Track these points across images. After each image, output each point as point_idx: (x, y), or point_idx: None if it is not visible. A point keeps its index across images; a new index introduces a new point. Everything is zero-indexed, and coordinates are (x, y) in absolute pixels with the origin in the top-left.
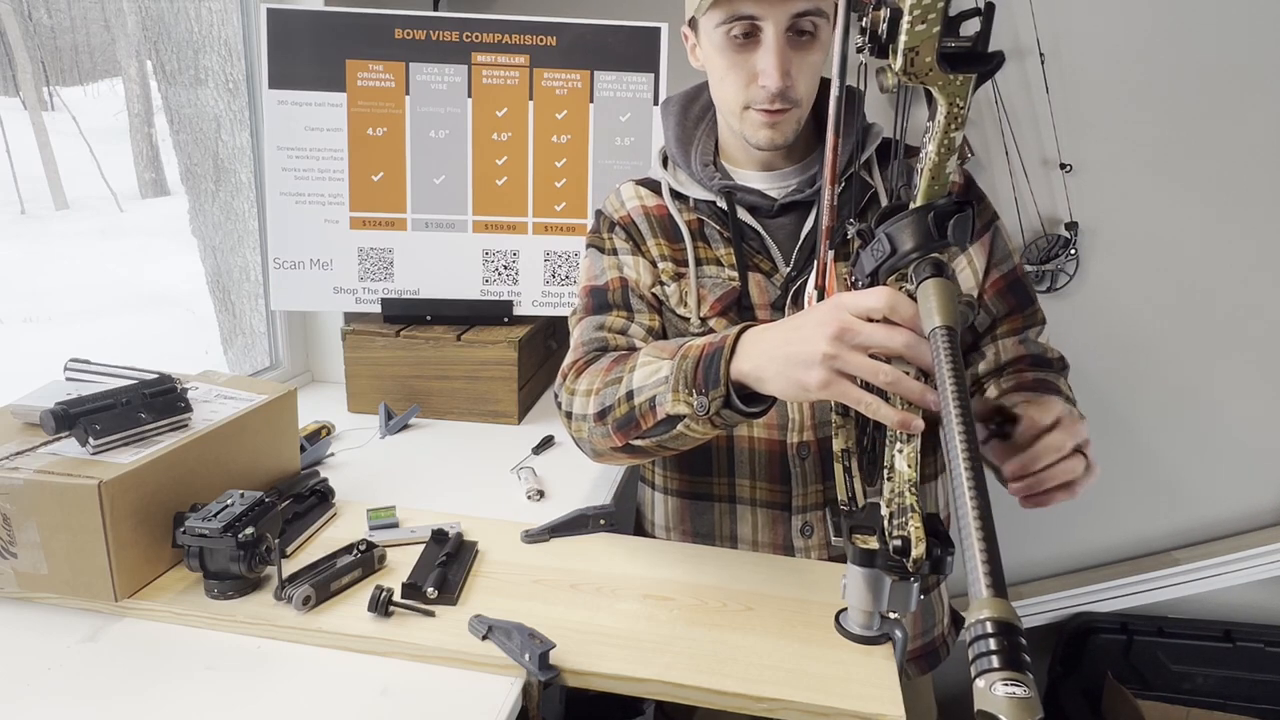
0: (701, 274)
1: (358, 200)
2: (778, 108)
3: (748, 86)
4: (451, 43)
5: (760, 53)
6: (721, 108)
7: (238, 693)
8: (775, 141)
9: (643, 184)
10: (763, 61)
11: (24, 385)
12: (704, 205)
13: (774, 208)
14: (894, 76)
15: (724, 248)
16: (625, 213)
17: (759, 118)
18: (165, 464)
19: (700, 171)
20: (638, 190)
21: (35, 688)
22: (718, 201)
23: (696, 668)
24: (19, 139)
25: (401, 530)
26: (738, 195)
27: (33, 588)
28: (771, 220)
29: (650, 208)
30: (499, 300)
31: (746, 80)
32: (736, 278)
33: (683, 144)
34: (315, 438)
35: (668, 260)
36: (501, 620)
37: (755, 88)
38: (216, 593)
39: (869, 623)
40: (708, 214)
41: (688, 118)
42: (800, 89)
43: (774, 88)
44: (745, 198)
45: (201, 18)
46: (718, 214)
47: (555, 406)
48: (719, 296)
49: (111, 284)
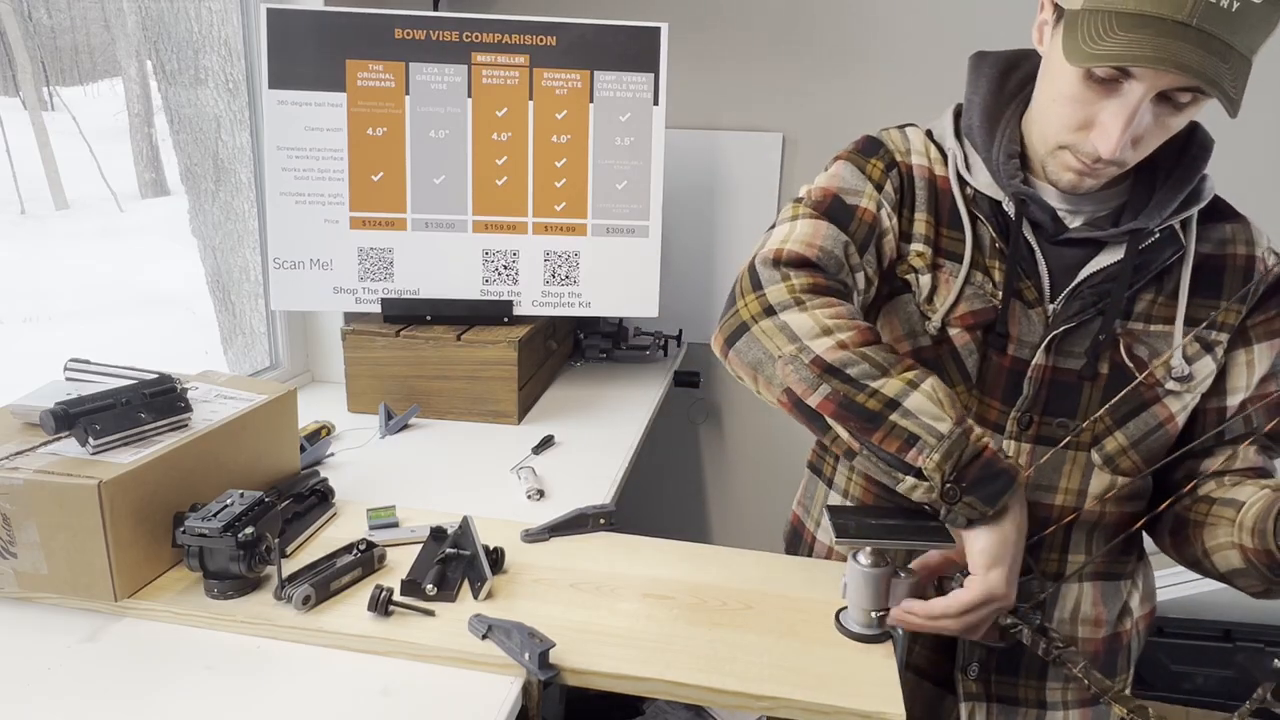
0: (971, 278)
1: (358, 200)
2: (1100, 166)
3: (1078, 129)
4: (451, 43)
5: (1111, 106)
6: (1039, 122)
7: (238, 693)
8: (1080, 189)
9: (931, 138)
10: (1108, 117)
11: (24, 385)
12: (985, 201)
13: (1058, 234)
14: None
15: (996, 259)
16: (910, 162)
17: (1073, 163)
18: (165, 464)
19: (1002, 164)
20: (928, 145)
21: (35, 688)
22: (1005, 205)
23: (696, 667)
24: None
25: (401, 530)
26: (1031, 207)
27: (32, 588)
28: (1051, 245)
29: (937, 177)
30: (499, 300)
31: (1081, 122)
32: (1000, 296)
33: (989, 119)
34: (315, 438)
35: (928, 245)
36: (501, 619)
37: (1086, 137)
38: (216, 593)
39: (869, 621)
40: (986, 213)
41: (1004, 87)
42: (1141, 154)
43: (1107, 156)
44: (1038, 213)
45: (201, 18)
46: (1000, 219)
47: (737, 289)
48: (976, 310)
49: (111, 284)
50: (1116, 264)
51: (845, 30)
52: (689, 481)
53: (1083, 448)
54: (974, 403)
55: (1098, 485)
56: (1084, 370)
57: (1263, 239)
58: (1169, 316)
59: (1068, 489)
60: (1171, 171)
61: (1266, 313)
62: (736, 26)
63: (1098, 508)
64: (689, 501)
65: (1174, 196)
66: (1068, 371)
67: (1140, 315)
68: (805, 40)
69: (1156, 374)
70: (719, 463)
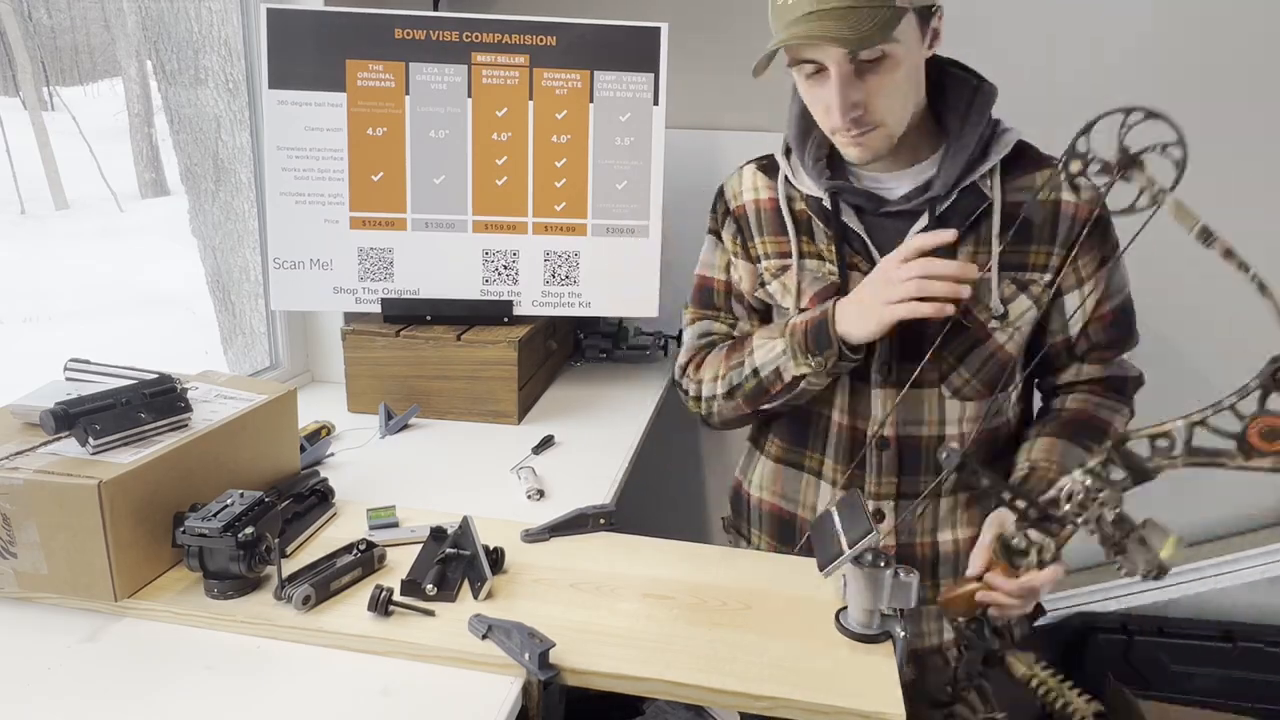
0: (804, 267)
1: (358, 200)
2: (856, 132)
3: (826, 115)
4: (451, 43)
5: (826, 87)
6: None
7: (238, 693)
8: (866, 158)
9: (764, 168)
10: (829, 97)
11: (24, 385)
12: (813, 200)
13: (877, 209)
14: None
15: (827, 244)
16: (740, 204)
17: (844, 139)
18: (165, 464)
19: (811, 167)
20: (756, 178)
21: (35, 688)
22: (824, 200)
23: (696, 667)
24: (19, 139)
25: (401, 530)
26: (844, 195)
27: (32, 588)
28: (878, 219)
29: (763, 201)
30: (499, 300)
31: (824, 110)
32: (836, 273)
33: (800, 133)
34: (315, 438)
35: (771, 258)
36: (501, 619)
37: (831, 117)
38: (216, 593)
39: (869, 621)
40: (815, 209)
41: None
42: (878, 111)
43: (838, 124)
44: (851, 198)
45: (201, 18)
46: (824, 211)
47: (680, 395)
48: (818, 290)
49: (111, 284)
50: (925, 229)
51: None
52: (689, 481)
53: (933, 385)
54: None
55: (951, 412)
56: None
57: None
58: (985, 264)
59: (930, 420)
60: (959, 134)
61: (1089, 250)
62: (736, 26)
63: (956, 430)
64: (689, 501)
65: (960, 158)
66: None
67: None
68: None
69: (980, 316)
70: (719, 463)
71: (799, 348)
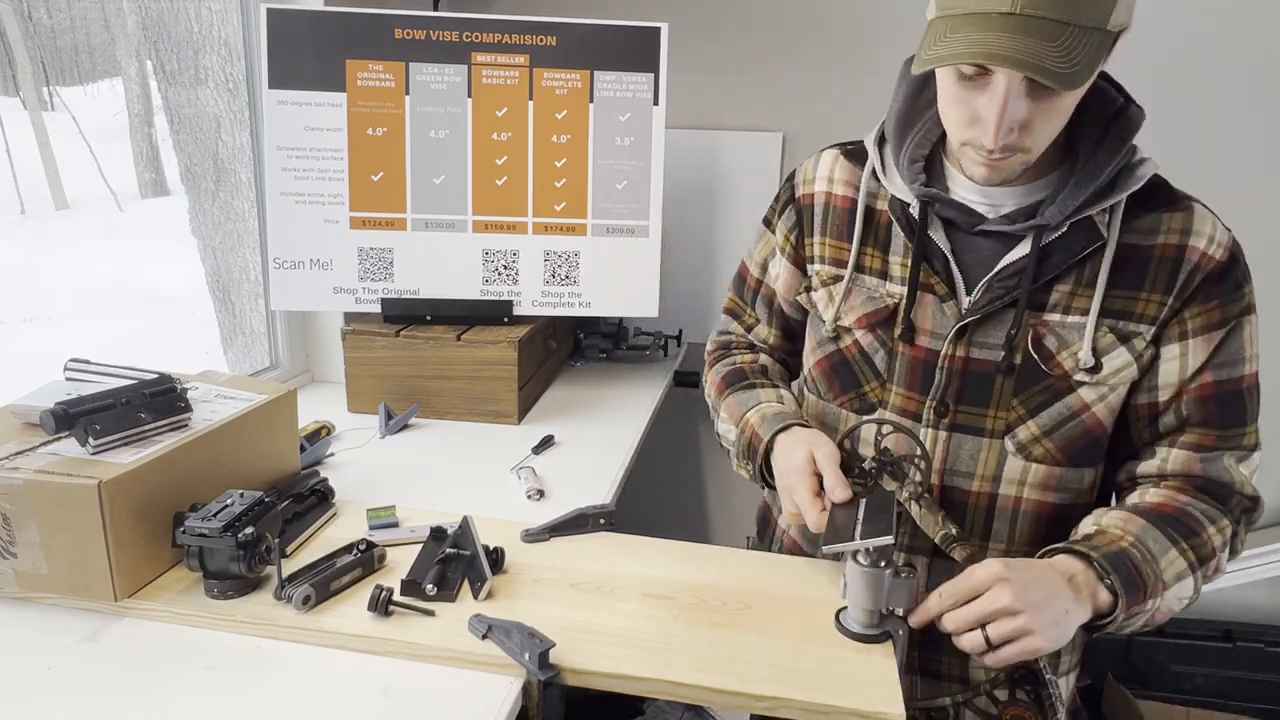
0: (858, 281)
1: (358, 200)
2: (998, 157)
3: (969, 126)
4: (451, 43)
5: (986, 98)
6: (944, 124)
7: (238, 693)
8: (994, 180)
9: (849, 153)
10: (986, 110)
11: (24, 385)
12: (897, 204)
13: (972, 226)
14: None
15: (903, 258)
16: (810, 192)
17: (976, 157)
18: (165, 464)
19: (906, 168)
20: (836, 166)
21: (35, 688)
22: (912, 207)
23: (696, 667)
24: (19, 139)
25: (401, 530)
26: (936, 206)
27: (32, 588)
28: (970, 237)
29: (836, 196)
30: (499, 300)
31: (968, 119)
32: (896, 294)
33: (901, 126)
34: (315, 438)
35: (827, 263)
36: (501, 619)
37: (976, 131)
38: (216, 593)
39: (869, 621)
40: (899, 215)
41: (921, 95)
42: (1036, 136)
43: (990, 146)
44: (944, 210)
45: (201, 18)
46: (908, 219)
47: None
48: (868, 312)
49: (111, 284)
50: (1024, 258)
51: (845, 30)
52: (689, 481)
53: (996, 435)
54: (888, 395)
55: (1011, 471)
56: (1001, 362)
57: (1206, 227)
58: (1085, 308)
59: (983, 475)
60: (1090, 160)
61: (1205, 305)
62: (736, 26)
63: (1013, 493)
64: (689, 501)
65: (1085, 188)
66: (984, 362)
67: (1056, 306)
68: (805, 40)
69: (1065, 365)
70: (719, 463)
71: (744, 451)
